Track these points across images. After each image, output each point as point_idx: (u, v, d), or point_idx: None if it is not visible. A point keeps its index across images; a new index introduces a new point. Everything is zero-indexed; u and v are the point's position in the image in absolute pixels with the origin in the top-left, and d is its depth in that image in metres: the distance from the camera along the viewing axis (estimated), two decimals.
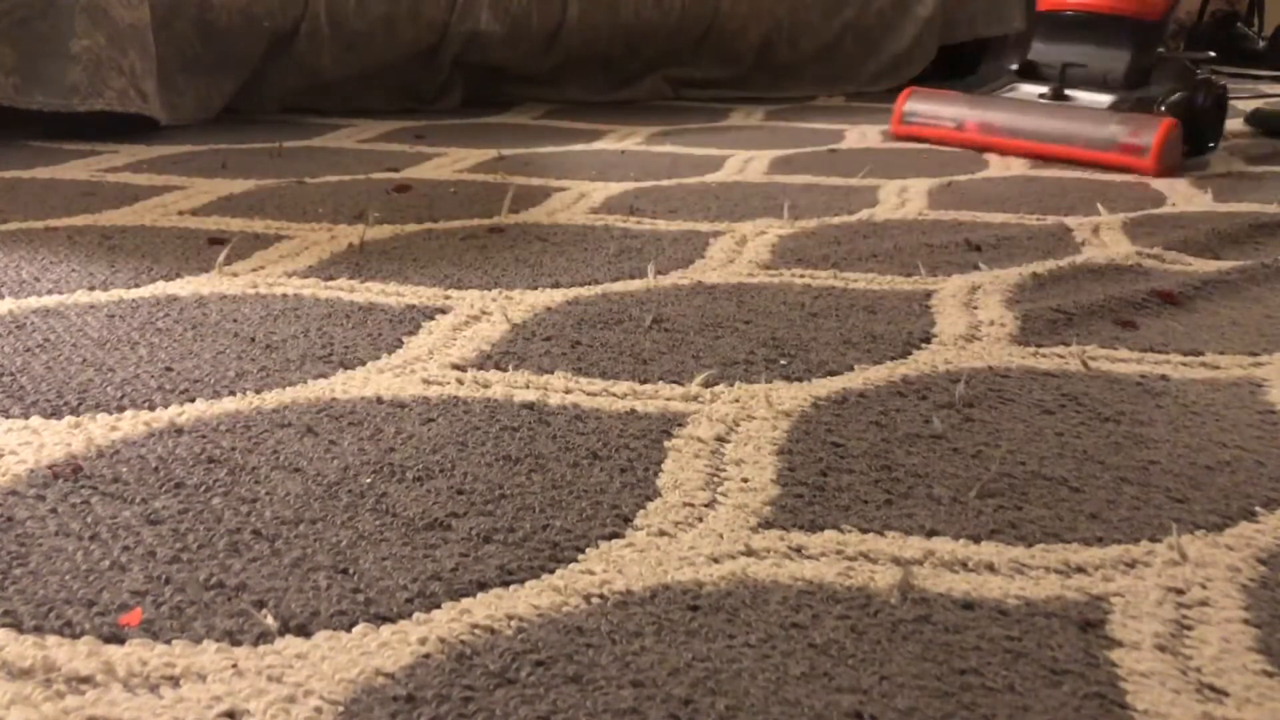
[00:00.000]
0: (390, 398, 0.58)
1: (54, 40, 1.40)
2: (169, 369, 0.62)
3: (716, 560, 0.43)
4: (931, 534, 0.45)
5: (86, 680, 0.35)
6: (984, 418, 0.58)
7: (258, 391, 0.59)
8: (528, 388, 0.61)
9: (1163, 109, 1.38)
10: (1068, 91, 1.48)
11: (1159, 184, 1.24)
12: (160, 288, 0.78)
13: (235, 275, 0.81)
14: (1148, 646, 0.38)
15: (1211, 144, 1.45)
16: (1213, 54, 1.44)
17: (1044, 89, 1.50)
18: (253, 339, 0.67)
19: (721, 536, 0.45)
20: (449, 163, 1.35)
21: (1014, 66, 1.57)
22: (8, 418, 0.55)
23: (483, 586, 0.41)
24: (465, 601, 0.40)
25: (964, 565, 0.43)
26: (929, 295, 0.80)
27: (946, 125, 1.53)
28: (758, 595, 0.41)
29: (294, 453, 0.52)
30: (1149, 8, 1.45)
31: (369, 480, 0.49)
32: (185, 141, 1.47)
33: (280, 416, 0.56)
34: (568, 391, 0.60)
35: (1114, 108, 1.41)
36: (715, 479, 0.50)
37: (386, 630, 0.38)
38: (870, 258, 0.90)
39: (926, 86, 1.64)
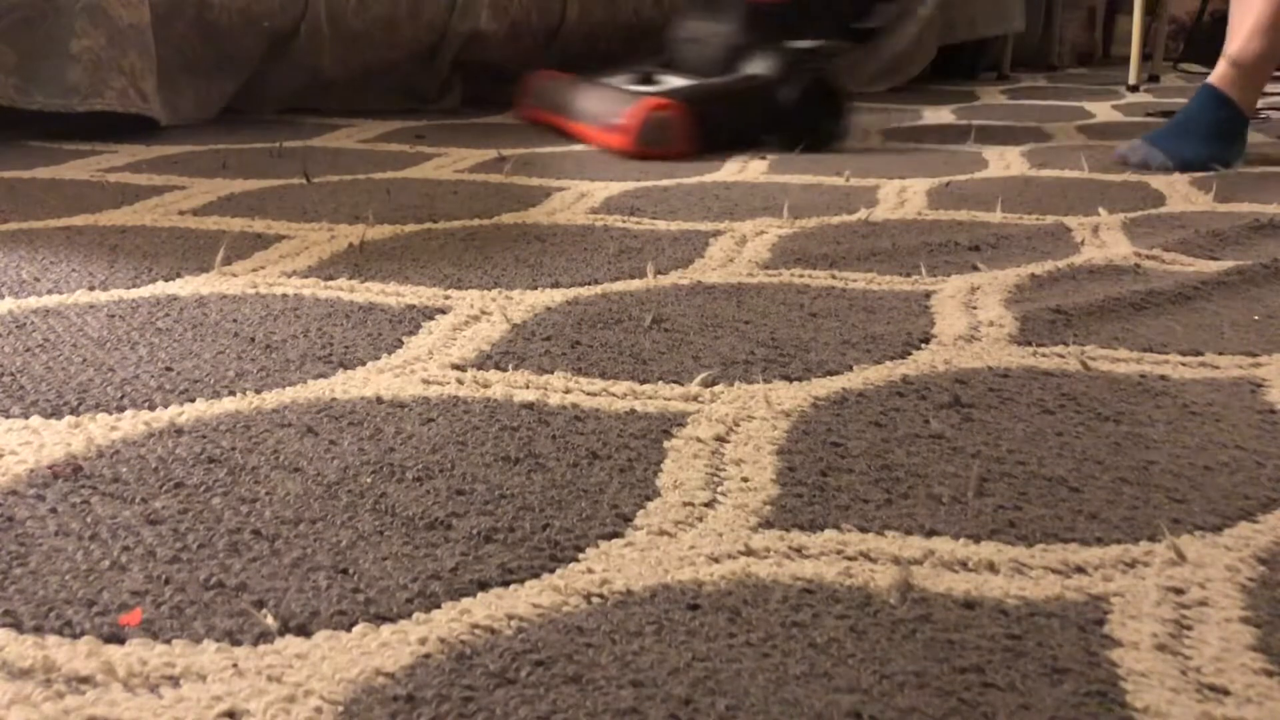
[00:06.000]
0: (390, 398, 0.59)
1: (54, 40, 1.40)
2: (169, 369, 0.62)
3: (716, 560, 0.43)
4: (931, 534, 0.45)
5: (86, 680, 0.35)
6: (984, 418, 0.58)
7: (258, 391, 0.59)
8: (527, 388, 0.61)
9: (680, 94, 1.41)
10: (659, 75, 1.53)
11: (1158, 183, 1.23)
12: (160, 288, 0.78)
13: (235, 275, 0.81)
14: (1147, 646, 0.38)
15: (833, 135, 1.49)
16: (830, 42, 1.49)
17: (655, 69, 1.56)
18: (253, 339, 0.67)
19: (721, 536, 0.45)
20: (449, 163, 1.35)
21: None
22: (8, 418, 0.55)
23: (483, 586, 0.41)
24: (465, 601, 0.40)
25: (964, 565, 0.43)
26: (928, 295, 0.80)
27: (538, 107, 1.66)
28: (758, 595, 0.41)
29: (294, 453, 0.52)
30: None
31: (369, 480, 0.49)
32: (185, 141, 1.47)
33: (280, 416, 0.56)
34: (567, 391, 0.60)
35: (665, 92, 1.42)
36: (715, 479, 0.50)
37: (386, 630, 0.38)
38: (870, 258, 0.90)
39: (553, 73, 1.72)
